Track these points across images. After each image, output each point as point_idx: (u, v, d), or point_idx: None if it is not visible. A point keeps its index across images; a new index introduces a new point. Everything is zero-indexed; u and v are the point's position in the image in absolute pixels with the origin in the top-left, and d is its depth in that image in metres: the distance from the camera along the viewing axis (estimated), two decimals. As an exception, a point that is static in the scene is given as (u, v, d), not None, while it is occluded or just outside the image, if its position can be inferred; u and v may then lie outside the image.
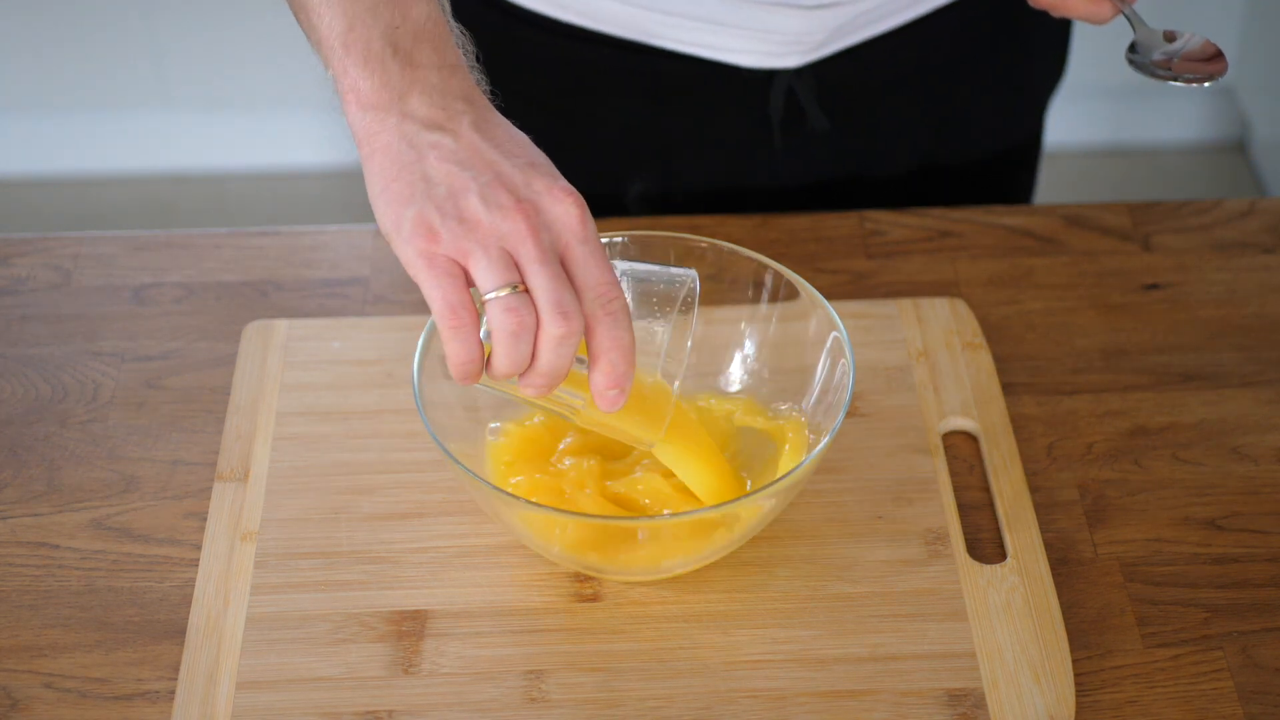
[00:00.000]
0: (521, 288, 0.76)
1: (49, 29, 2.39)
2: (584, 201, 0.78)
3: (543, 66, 1.13)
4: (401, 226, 0.77)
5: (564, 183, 0.78)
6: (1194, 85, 0.94)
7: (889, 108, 1.16)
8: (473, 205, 0.77)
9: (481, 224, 0.76)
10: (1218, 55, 0.94)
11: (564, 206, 0.77)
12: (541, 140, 0.91)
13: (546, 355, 0.77)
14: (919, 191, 1.18)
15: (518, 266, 0.76)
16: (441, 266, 0.76)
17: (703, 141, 1.15)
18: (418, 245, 0.76)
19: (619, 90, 1.13)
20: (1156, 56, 0.94)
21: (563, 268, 0.77)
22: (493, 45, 1.13)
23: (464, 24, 1.14)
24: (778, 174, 1.16)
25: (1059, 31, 1.22)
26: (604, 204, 1.12)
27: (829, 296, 0.95)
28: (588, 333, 0.77)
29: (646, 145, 1.15)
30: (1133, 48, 0.95)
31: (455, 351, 0.76)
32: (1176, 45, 0.96)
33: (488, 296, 0.76)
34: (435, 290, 0.76)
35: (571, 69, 1.13)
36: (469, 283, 0.76)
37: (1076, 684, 0.84)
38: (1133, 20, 0.95)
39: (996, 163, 1.23)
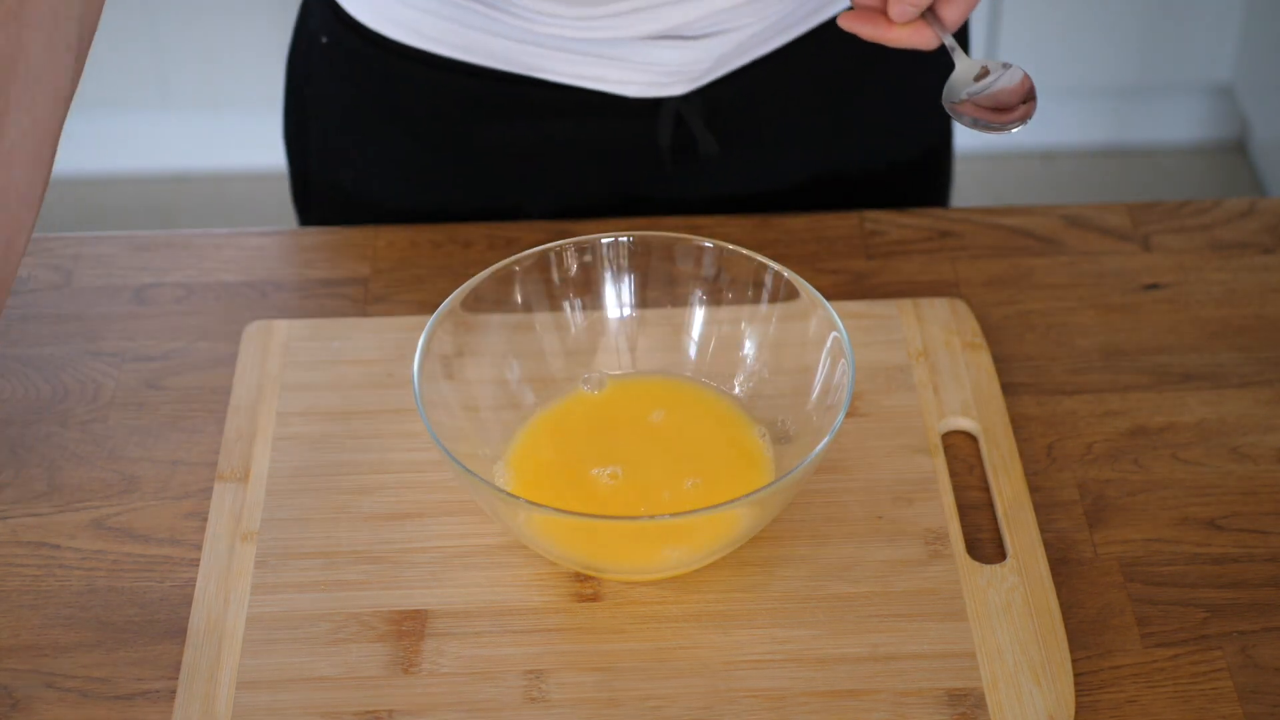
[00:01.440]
0: None
1: (49, 29, 2.39)
2: None
3: (425, 98, 1.13)
4: None
5: None
6: (994, 133, 0.89)
7: (782, 124, 1.15)
8: None
9: None
10: (1030, 96, 0.88)
11: None
12: (429, 167, 0.90)
13: None
14: (822, 204, 1.17)
15: None
16: None
17: (592, 166, 1.14)
18: None
19: (503, 119, 1.12)
20: (962, 96, 0.90)
21: None
22: (374, 78, 1.14)
23: (343, 59, 1.14)
24: (671, 193, 1.15)
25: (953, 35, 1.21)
26: (506, 216, 1.12)
27: (829, 296, 0.96)
28: None
29: (536, 169, 1.15)
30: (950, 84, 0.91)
31: None
32: (987, 81, 0.90)
33: None
34: None
35: (454, 100, 1.12)
36: None
37: (1076, 684, 0.84)
38: (951, 52, 0.91)
39: (902, 169, 1.22)
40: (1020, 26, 2.49)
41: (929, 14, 0.90)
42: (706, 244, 0.94)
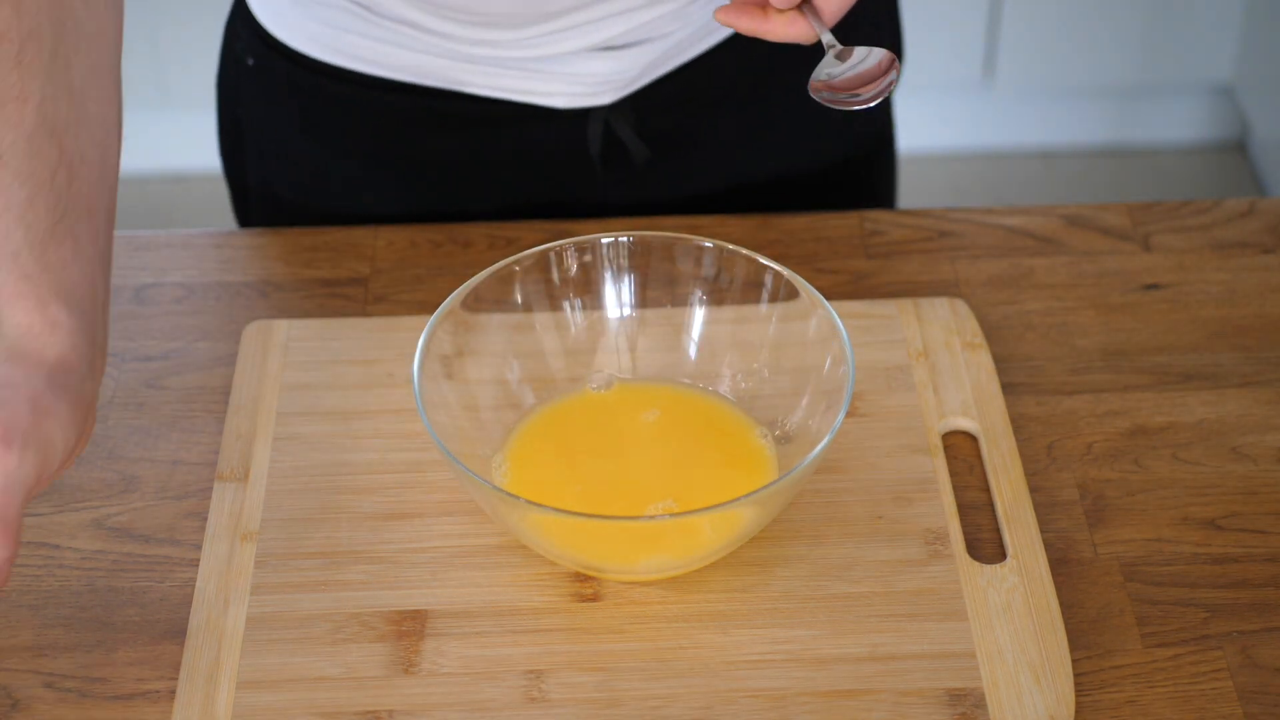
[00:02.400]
0: None
1: (49, 29, 2.38)
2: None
3: (355, 115, 1.13)
4: None
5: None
6: (849, 109, 0.88)
7: (713, 126, 1.15)
8: None
9: None
10: (886, 71, 0.88)
11: None
12: (367, 181, 0.89)
13: None
14: (764, 205, 1.17)
15: None
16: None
17: (528, 174, 1.14)
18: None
19: (436, 131, 1.12)
20: (821, 77, 0.88)
21: None
22: (303, 98, 1.14)
23: (270, 80, 1.15)
24: (607, 198, 1.15)
25: (883, 32, 1.20)
26: (450, 219, 1.12)
27: (829, 296, 0.96)
28: None
29: (473, 178, 1.15)
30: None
31: None
32: (850, 63, 0.89)
33: None
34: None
35: (383, 116, 1.12)
36: None
37: (1076, 684, 0.84)
38: (828, 47, 0.89)
39: (844, 168, 1.21)
40: (1020, 26, 2.49)
41: (806, 7, 0.88)
42: (706, 244, 0.94)
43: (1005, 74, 2.54)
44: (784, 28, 0.89)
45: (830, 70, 0.89)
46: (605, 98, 1.10)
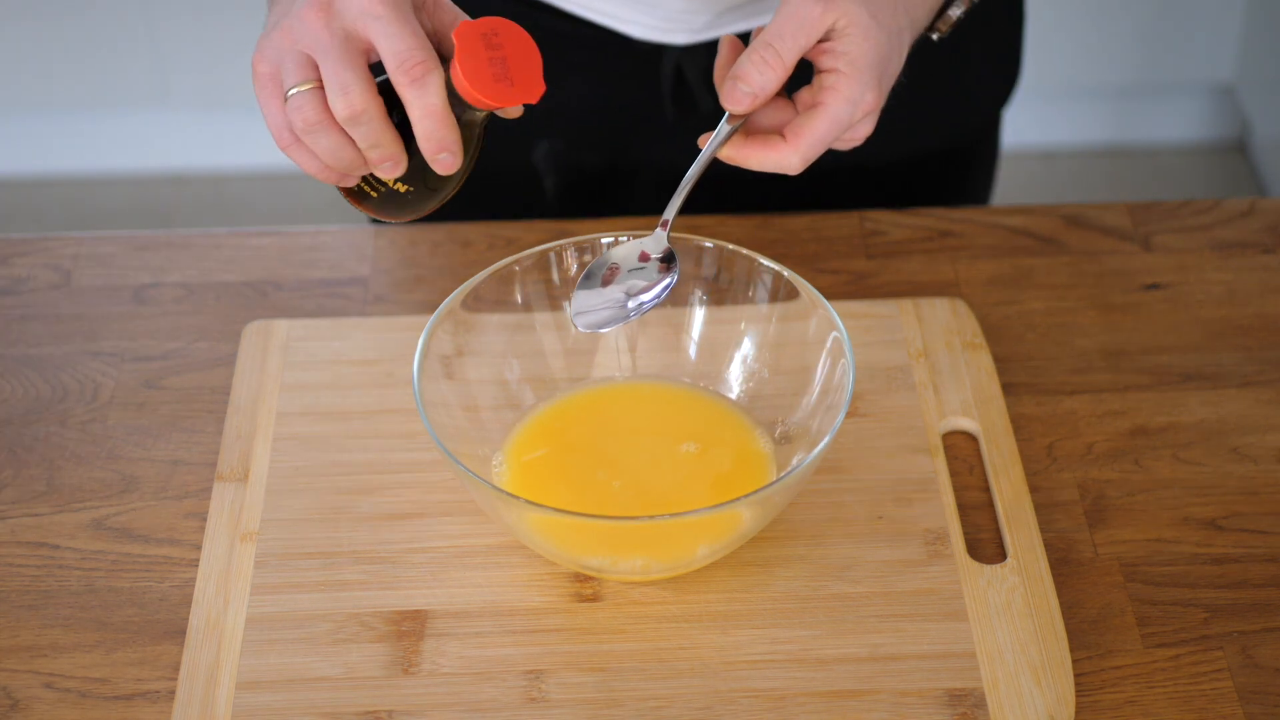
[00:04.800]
0: (317, 84, 0.79)
1: (49, 29, 2.39)
2: None
3: None
4: (254, 56, 0.81)
5: None
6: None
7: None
8: (284, 19, 0.80)
9: (288, 30, 0.79)
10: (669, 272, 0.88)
11: None
12: None
13: (347, 134, 0.79)
14: (828, 190, 1.16)
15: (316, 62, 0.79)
16: (267, 86, 0.80)
17: (599, 105, 1.15)
18: (256, 69, 0.81)
19: None
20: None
21: (369, 49, 0.79)
22: None
23: None
24: (673, 147, 1.15)
25: (1003, 41, 1.20)
26: (512, 170, 1.12)
27: (829, 296, 0.95)
28: (402, 100, 0.79)
29: (544, 105, 1.15)
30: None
31: (301, 165, 0.81)
32: (628, 274, 0.89)
33: (286, 97, 0.79)
34: (265, 111, 0.80)
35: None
36: None
37: (1076, 684, 0.84)
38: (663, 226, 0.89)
39: (925, 164, 1.21)
40: (1020, 26, 2.48)
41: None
42: (706, 244, 0.94)
43: (1005, 74, 2.54)
44: (760, 155, 0.86)
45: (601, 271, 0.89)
46: (679, 37, 1.11)
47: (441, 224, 1.11)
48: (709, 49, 1.12)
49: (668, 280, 0.88)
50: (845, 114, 0.85)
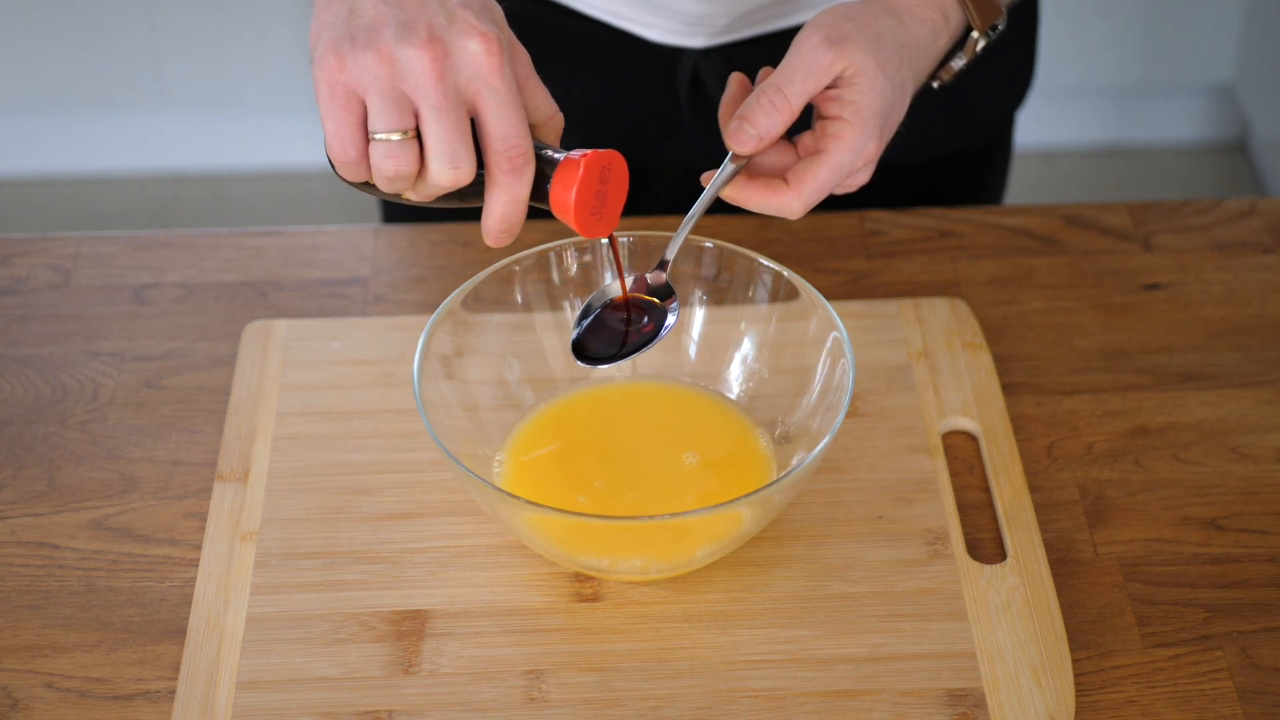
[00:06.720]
0: (412, 134, 0.76)
1: (49, 29, 2.39)
2: (497, 42, 0.76)
3: None
4: (316, 51, 0.77)
5: (485, 24, 0.77)
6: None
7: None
8: (386, 39, 0.76)
9: (389, 59, 0.75)
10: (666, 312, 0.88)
11: (473, 44, 0.76)
12: None
13: (427, 191, 0.78)
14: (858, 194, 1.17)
15: (416, 110, 0.76)
16: (340, 98, 0.76)
17: (616, 107, 1.15)
18: (325, 71, 0.76)
19: (530, 45, 1.13)
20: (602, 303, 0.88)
21: (473, 114, 0.77)
22: None
23: None
24: (689, 149, 1.15)
25: (1019, 43, 1.19)
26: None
27: (829, 296, 0.95)
28: (487, 179, 0.78)
29: (560, 106, 1.15)
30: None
31: (343, 172, 0.78)
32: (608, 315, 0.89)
33: (375, 138, 0.76)
34: (329, 121, 0.76)
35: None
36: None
37: (1076, 684, 0.84)
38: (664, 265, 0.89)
39: (941, 166, 1.21)
40: (1020, 26, 2.48)
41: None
42: (706, 244, 0.94)
43: (1005, 74, 2.54)
44: (759, 198, 0.87)
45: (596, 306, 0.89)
46: (696, 40, 1.11)
47: (442, 224, 1.11)
48: (726, 52, 1.12)
49: (669, 321, 0.88)
50: (847, 162, 0.85)
